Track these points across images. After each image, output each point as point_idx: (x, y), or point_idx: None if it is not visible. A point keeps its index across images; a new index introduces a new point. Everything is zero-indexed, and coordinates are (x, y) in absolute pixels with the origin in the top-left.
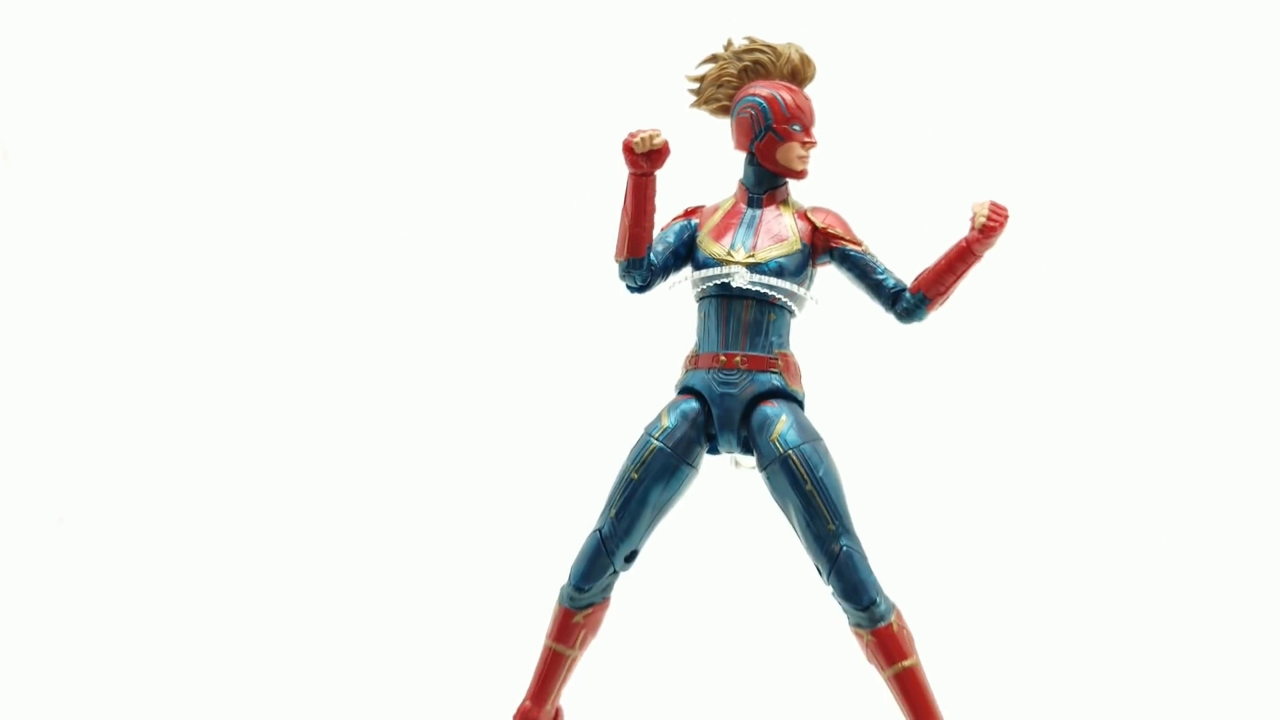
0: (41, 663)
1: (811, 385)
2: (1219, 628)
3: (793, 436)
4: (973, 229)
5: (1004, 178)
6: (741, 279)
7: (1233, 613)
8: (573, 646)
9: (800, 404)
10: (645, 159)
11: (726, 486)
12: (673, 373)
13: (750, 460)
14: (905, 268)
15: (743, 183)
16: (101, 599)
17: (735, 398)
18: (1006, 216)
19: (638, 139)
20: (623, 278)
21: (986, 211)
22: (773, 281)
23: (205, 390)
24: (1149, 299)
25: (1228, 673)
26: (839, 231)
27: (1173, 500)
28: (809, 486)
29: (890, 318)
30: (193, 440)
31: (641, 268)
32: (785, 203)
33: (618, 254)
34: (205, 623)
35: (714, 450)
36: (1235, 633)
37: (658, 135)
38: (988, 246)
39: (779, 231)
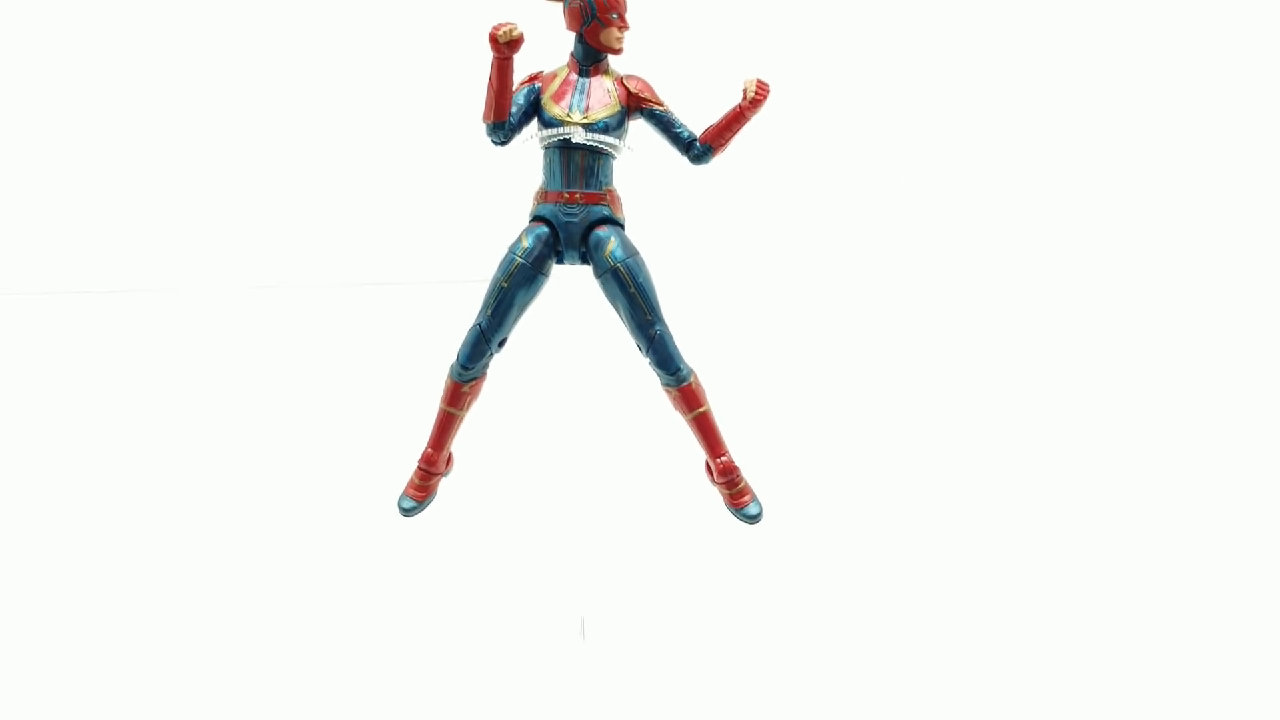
0: None
1: (627, 210)
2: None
3: (619, 253)
4: (744, 99)
5: (773, 65)
6: (580, 136)
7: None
8: (461, 409)
9: (622, 227)
10: (506, 46)
11: (573, 293)
12: (525, 206)
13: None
14: (695, 119)
15: (574, 56)
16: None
17: (576, 224)
18: (769, 92)
19: (500, 31)
20: (490, 135)
21: (755, 88)
22: (602, 138)
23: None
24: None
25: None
26: (648, 95)
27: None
28: (632, 289)
29: (685, 160)
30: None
31: (504, 129)
32: (607, 72)
33: (485, 117)
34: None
35: (560, 261)
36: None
37: (515, 29)
38: (755, 113)
39: (603, 96)
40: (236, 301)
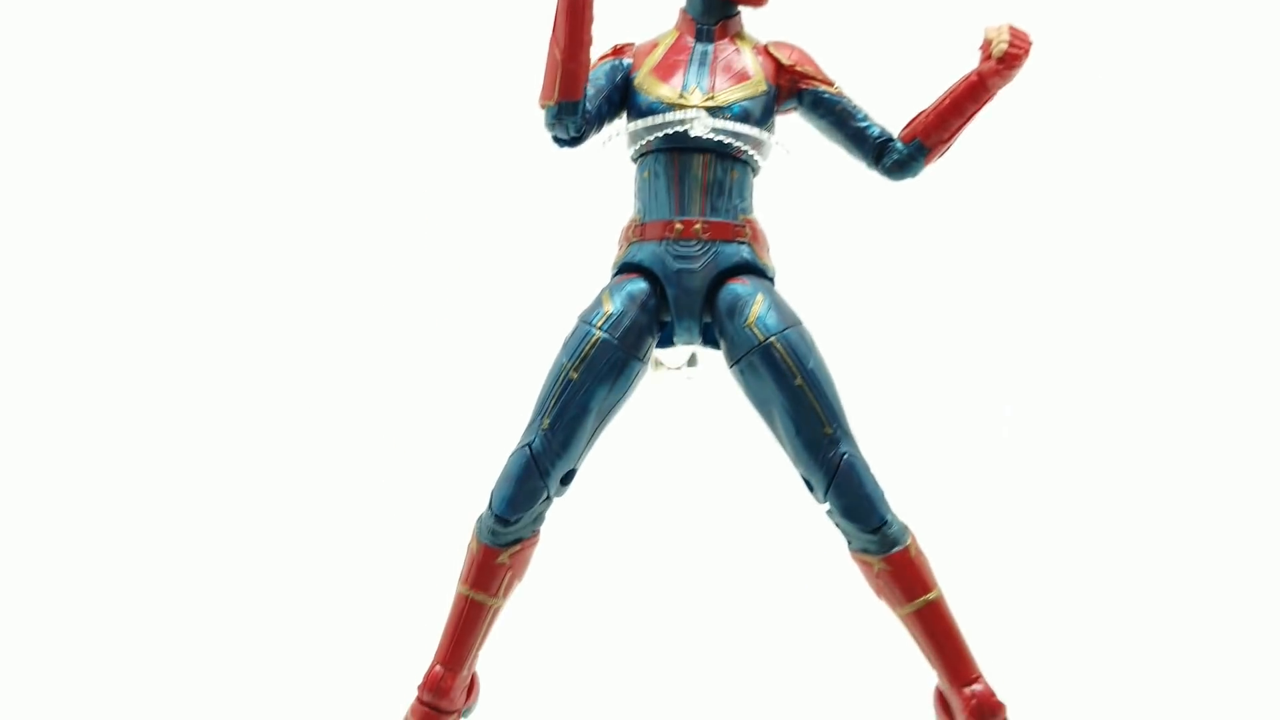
0: None
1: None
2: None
3: (773, 320)
4: (986, 58)
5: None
6: (701, 126)
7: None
8: (495, 594)
9: (772, 280)
10: None
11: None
12: (606, 250)
13: (676, 359)
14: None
15: (687, 12)
16: None
17: (696, 274)
18: (1030, 43)
19: None
20: (551, 127)
21: (1006, 38)
22: (739, 128)
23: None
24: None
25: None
26: (810, 70)
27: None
28: (798, 380)
29: (875, 174)
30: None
31: (576, 113)
32: (741, 35)
33: (546, 97)
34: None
35: (666, 341)
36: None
37: None
38: (1006, 81)
39: (740, 69)
40: None
